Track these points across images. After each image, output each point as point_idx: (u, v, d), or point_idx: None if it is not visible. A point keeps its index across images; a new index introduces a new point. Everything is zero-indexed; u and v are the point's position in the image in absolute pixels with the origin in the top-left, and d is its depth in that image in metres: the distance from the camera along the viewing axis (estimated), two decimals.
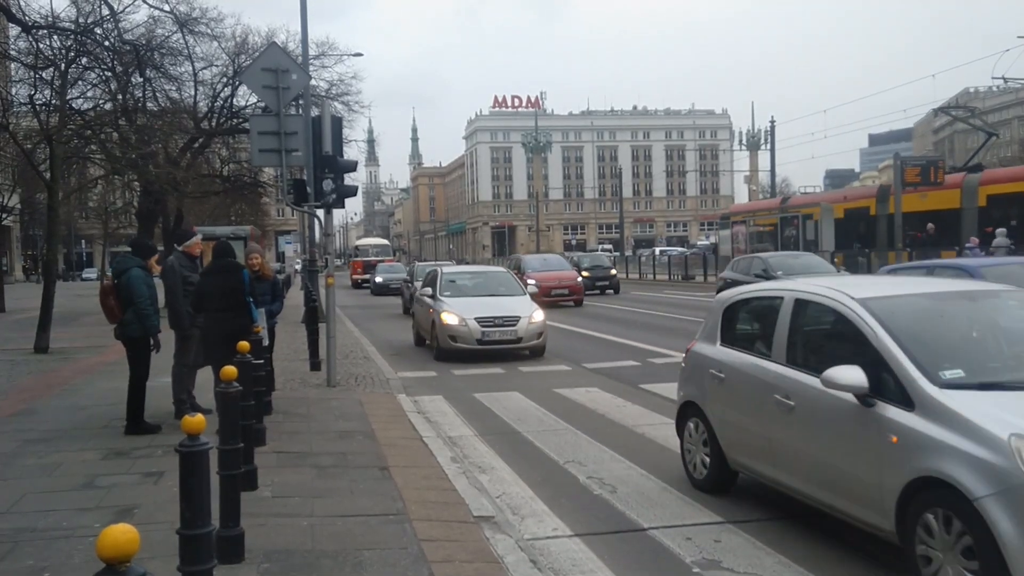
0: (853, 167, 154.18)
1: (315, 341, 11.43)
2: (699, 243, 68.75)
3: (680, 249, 65.37)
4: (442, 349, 12.57)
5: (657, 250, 64.63)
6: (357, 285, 41.13)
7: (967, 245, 21.59)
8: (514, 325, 12.43)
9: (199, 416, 3.27)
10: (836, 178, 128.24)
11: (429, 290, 13.74)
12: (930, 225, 23.20)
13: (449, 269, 15.70)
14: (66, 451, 6.61)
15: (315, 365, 11.09)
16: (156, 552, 4.01)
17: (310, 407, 8.49)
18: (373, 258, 42.73)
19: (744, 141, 75.52)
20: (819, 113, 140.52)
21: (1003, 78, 29.31)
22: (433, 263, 29.42)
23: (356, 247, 49.95)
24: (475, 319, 12.35)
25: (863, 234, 27.79)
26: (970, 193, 23.96)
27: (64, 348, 14.05)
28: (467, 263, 58.40)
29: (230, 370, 4.43)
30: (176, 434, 3.49)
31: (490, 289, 13.94)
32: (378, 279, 33.98)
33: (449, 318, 12.49)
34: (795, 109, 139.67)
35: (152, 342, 7.24)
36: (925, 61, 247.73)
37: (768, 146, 51.14)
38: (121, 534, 1.91)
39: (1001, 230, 21.76)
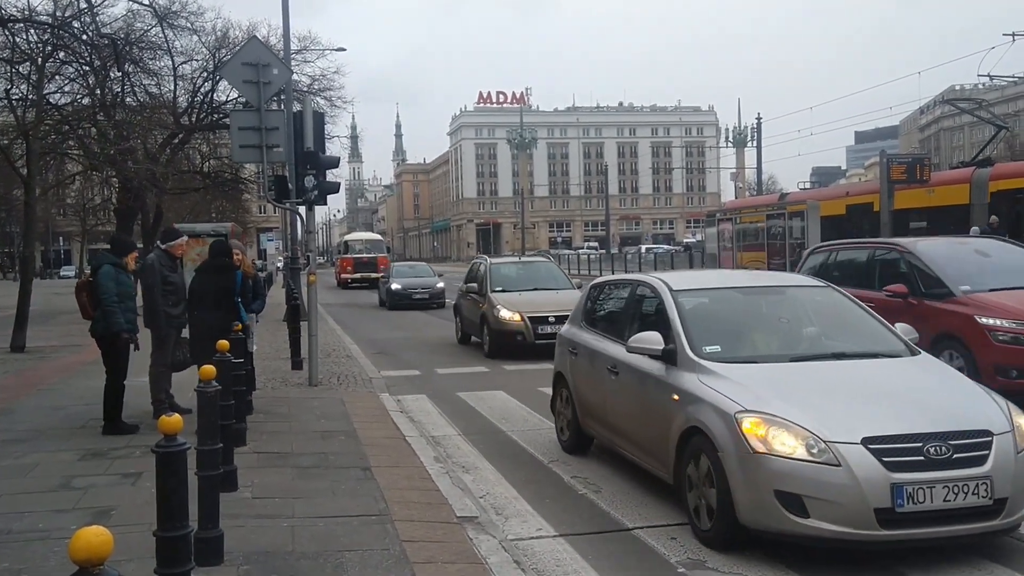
0: (840, 164, 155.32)
1: (297, 340, 11.33)
2: (686, 240, 69.01)
3: (666, 247, 65.60)
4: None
5: (643, 248, 64.94)
6: (345, 285, 35.90)
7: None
8: (981, 462, 4.10)
9: (176, 416, 3.22)
10: (823, 175, 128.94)
11: (714, 363, 4.92)
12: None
13: (707, 281, 6.57)
14: (43, 452, 6.51)
15: (297, 364, 11.00)
16: (133, 554, 3.95)
17: (291, 407, 8.40)
18: (364, 255, 37.04)
19: (730, 138, 75.72)
20: (805, 110, 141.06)
21: (989, 75, 29.09)
22: (529, 258, 19.46)
23: (345, 243, 43.31)
24: (888, 454, 4.04)
25: (868, 231, 27.29)
26: (980, 188, 23.44)
27: (41, 347, 13.86)
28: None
29: (209, 369, 4.37)
30: (154, 434, 3.43)
31: (832, 341, 5.49)
32: (394, 285, 23.43)
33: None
34: (781, 106, 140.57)
35: (129, 340, 7.15)
36: (911, 59, 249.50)
37: (755, 143, 51.42)
38: (94, 536, 1.89)
39: (975, 229, 21.88)
